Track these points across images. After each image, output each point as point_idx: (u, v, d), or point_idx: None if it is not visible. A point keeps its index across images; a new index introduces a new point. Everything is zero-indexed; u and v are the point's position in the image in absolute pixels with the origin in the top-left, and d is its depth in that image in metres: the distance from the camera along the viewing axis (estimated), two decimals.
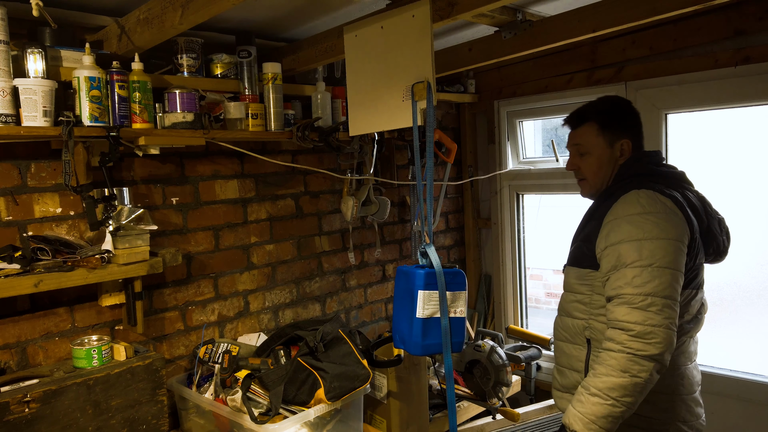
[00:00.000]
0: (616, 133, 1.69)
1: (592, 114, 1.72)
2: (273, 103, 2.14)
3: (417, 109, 1.79)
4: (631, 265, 1.44)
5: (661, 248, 1.43)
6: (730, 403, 2.40)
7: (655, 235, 1.44)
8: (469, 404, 2.56)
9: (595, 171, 1.72)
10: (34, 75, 1.60)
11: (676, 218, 1.48)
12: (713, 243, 1.61)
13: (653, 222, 1.46)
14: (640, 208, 1.49)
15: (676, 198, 1.54)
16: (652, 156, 1.70)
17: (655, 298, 1.41)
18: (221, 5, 1.43)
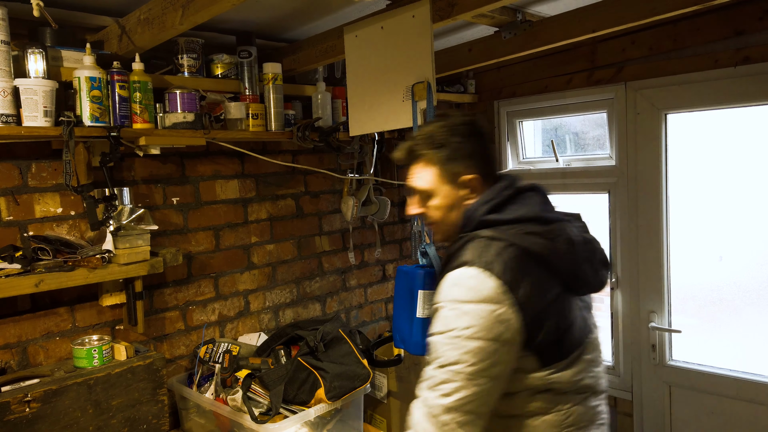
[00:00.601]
0: (458, 166, 1.33)
1: (426, 147, 1.35)
2: (273, 104, 2.15)
3: (417, 109, 1.79)
4: (442, 367, 1.20)
5: (477, 353, 1.14)
6: (730, 403, 2.41)
7: (471, 334, 1.14)
8: None
9: (442, 216, 1.37)
10: (34, 75, 1.60)
11: (502, 312, 1.15)
12: (584, 287, 1.33)
13: (473, 319, 1.15)
14: (461, 296, 1.17)
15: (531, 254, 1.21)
16: (503, 190, 1.31)
17: (455, 414, 1.16)
18: (221, 6, 1.44)
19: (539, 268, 1.20)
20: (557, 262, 1.22)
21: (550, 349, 1.22)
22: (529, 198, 1.31)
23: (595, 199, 2.86)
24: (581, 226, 1.36)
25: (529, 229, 1.23)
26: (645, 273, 2.60)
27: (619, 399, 2.75)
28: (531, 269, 1.19)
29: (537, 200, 1.32)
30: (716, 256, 2.49)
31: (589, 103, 2.74)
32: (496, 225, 1.26)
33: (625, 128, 2.60)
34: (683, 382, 2.53)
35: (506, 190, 1.30)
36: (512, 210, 1.28)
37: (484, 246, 1.21)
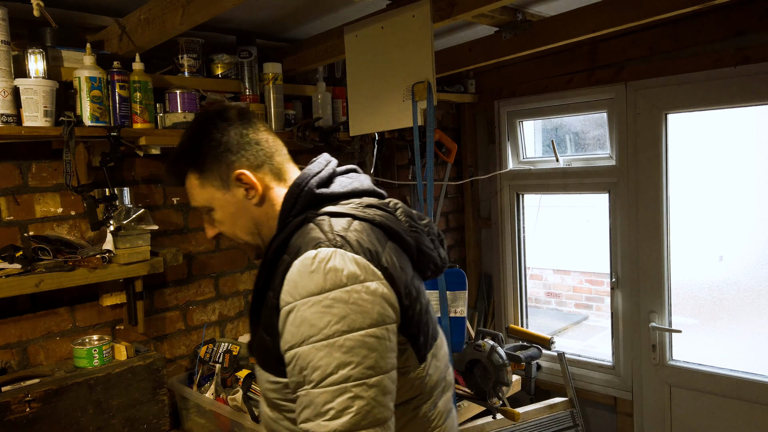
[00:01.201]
0: (218, 167, 1.12)
1: (179, 159, 1.17)
2: (273, 103, 2.15)
3: (417, 109, 1.79)
4: (321, 384, 0.92)
5: (361, 348, 0.92)
6: (730, 403, 2.41)
7: (348, 326, 0.93)
8: (470, 404, 2.56)
9: (232, 228, 1.18)
10: (35, 75, 1.60)
11: (376, 287, 0.97)
12: (429, 263, 1.15)
13: (344, 307, 0.93)
14: (320, 285, 0.94)
15: (379, 226, 1.06)
16: (326, 165, 1.16)
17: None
18: (221, 5, 1.44)
19: (390, 242, 1.06)
20: (404, 236, 1.08)
21: (419, 337, 1.06)
22: (354, 175, 1.19)
23: (596, 199, 2.87)
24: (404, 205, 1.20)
25: (368, 202, 1.09)
26: (645, 273, 2.60)
27: (619, 399, 2.75)
28: (383, 243, 1.03)
29: (364, 176, 1.20)
30: (716, 256, 2.50)
31: (590, 103, 2.74)
32: (329, 200, 1.09)
33: (625, 128, 2.60)
34: (683, 382, 2.54)
35: (328, 165, 1.16)
36: (341, 184, 1.13)
37: (327, 223, 1.02)
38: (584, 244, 4.51)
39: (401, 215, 1.11)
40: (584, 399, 2.86)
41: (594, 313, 4.97)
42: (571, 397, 2.77)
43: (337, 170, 1.17)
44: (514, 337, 2.90)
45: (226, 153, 1.11)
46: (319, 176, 1.11)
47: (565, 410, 2.75)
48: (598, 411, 2.86)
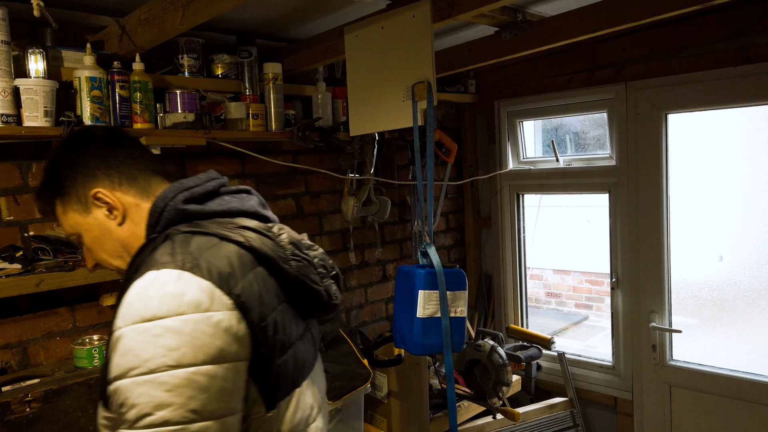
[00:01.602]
0: (77, 189, 1.03)
1: (41, 188, 1.09)
2: (274, 103, 2.15)
3: (417, 109, 1.79)
4: (135, 425, 0.79)
5: (186, 388, 0.79)
6: (730, 403, 2.41)
7: (176, 361, 0.80)
8: (470, 404, 2.56)
9: (98, 251, 1.09)
10: (35, 75, 1.60)
11: (221, 318, 0.84)
12: (313, 299, 1.01)
13: (175, 339, 0.81)
14: (154, 311, 0.82)
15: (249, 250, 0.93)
16: (207, 181, 1.04)
17: None
18: (222, 6, 1.44)
19: (260, 268, 0.93)
20: (279, 263, 0.95)
21: (272, 380, 0.90)
22: (242, 196, 1.06)
23: (596, 199, 2.87)
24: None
25: (244, 224, 0.96)
26: (645, 273, 2.60)
27: (619, 399, 2.75)
28: (248, 268, 0.91)
29: (253, 198, 1.08)
30: (716, 256, 2.50)
31: (590, 103, 2.74)
32: (198, 217, 0.97)
33: (625, 128, 2.60)
34: (683, 382, 2.54)
35: (210, 182, 1.03)
36: (220, 203, 1.00)
37: (182, 242, 0.90)
38: (584, 244, 4.51)
39: (285, 242, 0.98)
40: (584, 399, 2.86)
41: (594, 313, 4.97)
42: (571, 397, 2.78)
43: (223, 189, 1.05)
44: (514, 337, 2.90)
45: (82, 174, 1.02)
46: (191, 191, 0.99)
47: (565, 410, 2.75)
48: (598, 411, 2.86)
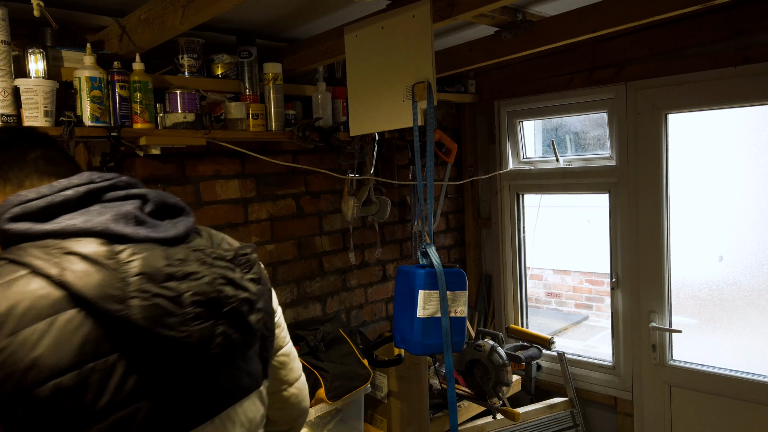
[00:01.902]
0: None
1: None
2: (274, 103, 2.15)
3: (417, 109, 1.79)
4: None
5: None
6: (730, 403, 2.41)
7: None
8: (470, 404, 2.56)
9: None
10: (35, 75, 1.60)
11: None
12: (168, 346, 0.78)
13: None
14: None
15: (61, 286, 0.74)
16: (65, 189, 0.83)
17: None
18: (222, 6, 1.44)
19: (71, 312, 0.73)
20: (105, 307, 0.73)
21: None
22: (113, 205, 0.84)
23: (596, 199, 2.87)
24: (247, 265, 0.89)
25: (75, 249, 0.76)
26: (645, 273, 2.60)
27: (619, 399, 2.75)
28: (45, 313, 0.72)
29: (129, 208, 0.84)
30: (716, 256, 2.50)
31: (590, 103, 2.74)
32: (25, 239, 0.78)
33: (625, 128, 2.60)
34: (683, 382, 2.54)
35: (68, 190, 0.82)
36: (60, 220, 0.80)
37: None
38: (584, 244, 4.51)
39: (132, 272, 0.76)
40: (584, 399, 2.86)
41: (594, 313, 4.97)
42: (571, 397, 2.78)
43: (107, 196, 0.86)
44: (514, 337, 2.90)
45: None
46: (26, 205, 0.80)
47: (565, 410, 2.75)
48: (598, 411, 2.86)
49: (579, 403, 2.80)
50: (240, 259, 0.89)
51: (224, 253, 0.87)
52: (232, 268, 0.86)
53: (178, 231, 0.87)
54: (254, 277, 0.89)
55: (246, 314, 0.85)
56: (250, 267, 0.90)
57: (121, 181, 0.88)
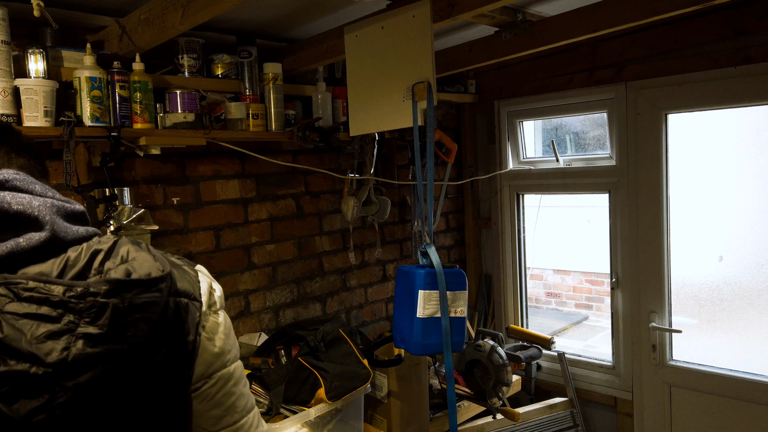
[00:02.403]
0: None
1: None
2: (274, 103, 2.15)
3: (417, 109, 1.79)
4: None
5: None
6: (730, 403, 2.41)
7: None
8: (470, 404, 2.56)
9: None
10: (35, 75, 1.60)
11: None
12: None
13: None
14: None
15: None
16: None
17: None
18: (222, 6, 1.44)
19: None
20: None
21: None
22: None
23: (596, 199, 2.87)
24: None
25: None
26: (645, 273, 2.60)
27: (620, 399, 2.75)
28: None
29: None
30: (716, 256, 2.50)
31: (590, 103, 2.74)
32: None
33: (625, 128, 2.60)
34: (683, 382, 2.54)
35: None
36: None
37: None
38: (584, 244, 4.51)
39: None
40: (584, 399, 2.86)
41: (594, 313, 4.97)
42: (571, 397, 2.78)
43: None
44: (514, 337, 2.90)
45: None
46: None
47: (565, 410, 2.75)
48: (598, 411, 2.86)
49: (579, 403, 2.80)
50: (80, 301, 0.66)
51: (52, 290, 0.65)
52: (48, 317, 0.64)
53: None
54: (94, 332, 0.65)
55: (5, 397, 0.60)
56: (93, 315, 0.66)
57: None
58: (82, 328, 0.65)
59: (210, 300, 0.86)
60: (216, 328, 0.86)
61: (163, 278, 0.75)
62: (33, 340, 0.63)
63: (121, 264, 0.73)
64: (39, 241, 0.69)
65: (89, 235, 0.77)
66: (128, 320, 0.69)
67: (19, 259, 0.68)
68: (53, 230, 0.71)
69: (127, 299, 0.69)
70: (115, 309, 0.67)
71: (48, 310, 0.65)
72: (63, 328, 0.65)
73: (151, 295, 0.72)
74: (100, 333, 0.66)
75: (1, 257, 0.67)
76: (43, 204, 0.73)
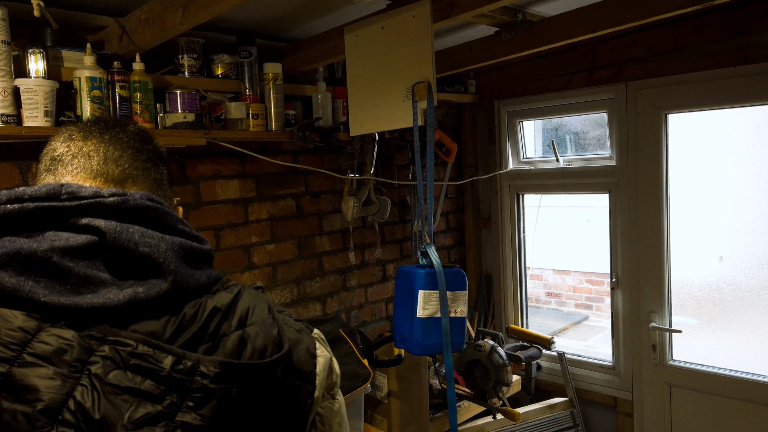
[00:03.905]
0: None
1: None
2: (274, 103, 2.15)
3: (417, 109, 1.79)
4: None
5: None
6: (730, 403, 2.41)
7: None
8: (470, 404, 2.56)
9: None
10: (35, 75, 1.60)
11: None
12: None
13: None
14: None
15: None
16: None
17: None
18: (222, 6, 1.44)
19: None
20: None
21: None
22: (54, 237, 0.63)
23: (596, 199, 2.87)
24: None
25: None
26: (645, 273, 2.60)
27: (619, 399, 2.75)
28: None
29: (54, 244, 0.61)
30: (716, 256, 2.50)
31: (590, 103, 2.74)
32: None
33: (625, 128, 2.60)
34: (683, 382, 2.54)
35: (17, 203, 0.63)
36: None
37: None
38: (584, 244, 4.51)
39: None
40: (584, 399, 2.86)
41: (594, 313, 4.97)
42: (571, 397, 2.78)
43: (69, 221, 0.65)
44: (514, 337, 2.90)
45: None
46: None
47: (565, 410, 2.75)
48: (598, 411, 2.86)
49: (579, 403, 2.80)
50: (187, 379, 0.59)
51: (161, 360, 0.59)
52: (150, 394, 0.58)
53: (105, 299, 0.60)
54: (195, 424, 0.59)
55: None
56: (197, 400, 0.59)
57: (70, 205, 0.64)
58: (181, 416, 0.59)
59: (328, 381, 0.78)
60: (331, 417, 0.79)
61: (281, 360, 0.67)
62: (129, 425, 0.56)
63: (237, 330, 0.67)
64: (159, 293, 0.62)
65: (211, 283, 0.71)
66: (234, 411, 0.62)
67: (134, 311, 0.61)
68: (176, 281, 0.64)
69: (235, 387, 0.62)
70: (222, 398, 0.61)
71: (151, 386, 0.58)
72: (163, 410, 0.58)
73: (265, 382, 0.65)
74: (200, 425, 0.59)
75: (118, 306, 0.60)
76: (170, 247, 0.66)
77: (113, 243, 0.62)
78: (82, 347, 0.57)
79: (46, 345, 0.55)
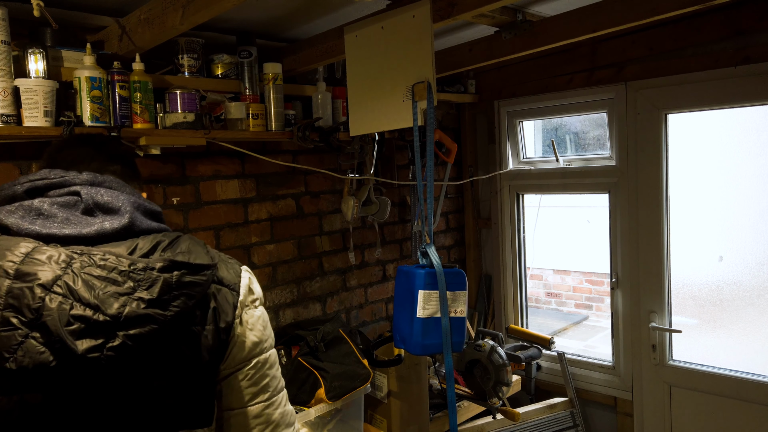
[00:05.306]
0: None
1: None
2: (274, 103, 2.15)
3: (417, 109, 1.79)
4: None
5: None
6: (730, 403, 2.41)
7: None
8: (470, 404, 2.56)
9: None
10: (35, 75, 1.60)
11: None
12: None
13: None
14: None
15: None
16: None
17: None
18: (222, 6, 1.44)
19: None
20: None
21: None
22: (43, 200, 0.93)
23: (596, 199, 2.87)
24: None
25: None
26: (645, 273, 2.60)
27: (619, 399, 2.75)
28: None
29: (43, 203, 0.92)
30: (716, 255, 2.50)
31: (590, 103, 2.74)
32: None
33: (625, 128, 2.60)
34: (683, 382, 2.54)
35: (18, 185, 0.95)
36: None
37: None
38: (584, 244, 4.51)
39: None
40: (584, 399, 2.86)
41: (594, 313, 4.97)
42: (571, 397, 2.78)
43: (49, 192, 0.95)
44: (514, 337, 2.90)
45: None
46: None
47: (565, 410, 2.75)
48: (598, 411, 2.86)
49: (579, 403, 2.80)
50: (139, 273, 0.84)
51: (122, 262, 0.84)
52: (115, 281, 0.82)
53: (80, 230, 0.89)
54: (146, 297, 0.83)
55: (64, 333, 0.78)
56: (148, 285, 0.84)
57: (59, 180, 0.95)
58: (137, 293, 0.83)
59: (249, 294, 1.04)
60: (255, 320, 1.03)
61: (209, 266, 0.92)
62: (101, 294, 0.81)
63: (180, 254, 0.90)
64: (119, 226, 0.91)
65: (160, 230, 0.97)
66: (174, 293, 0.86)
67: (102, 239, 0.90)
68: (131, 219, 0.93)
69: (175, 276, 0.87)
70: (165, 282, 0.85)
71: (116, 275, 0.84)
72: (124, 290, 0.83)
73: (197, 277, 0.89)
74: (150, 298, 0.83)
75: (91, 234, 0.89)
76: (127, 200, 0.95)
77: (87, 198, 0.93)
78: (67, 255, 0.84)
79: (41, 254, 0.83)
